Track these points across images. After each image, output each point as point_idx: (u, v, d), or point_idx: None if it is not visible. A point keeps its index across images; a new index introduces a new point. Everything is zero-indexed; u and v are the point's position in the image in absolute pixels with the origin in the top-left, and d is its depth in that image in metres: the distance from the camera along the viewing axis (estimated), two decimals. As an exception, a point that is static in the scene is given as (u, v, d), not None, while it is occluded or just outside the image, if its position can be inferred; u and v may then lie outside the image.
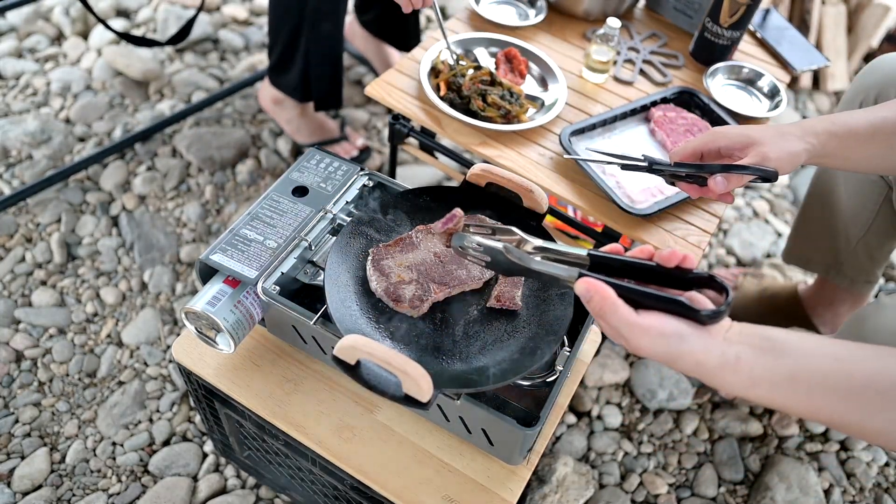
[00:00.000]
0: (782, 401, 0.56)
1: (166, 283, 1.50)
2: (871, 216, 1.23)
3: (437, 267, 0.81)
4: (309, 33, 1.51)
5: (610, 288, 0.58)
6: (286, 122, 1.76)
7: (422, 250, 0.82)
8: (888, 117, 0.83)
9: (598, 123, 1.22)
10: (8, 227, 1.56)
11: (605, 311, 0.57)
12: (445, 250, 0.82)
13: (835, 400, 0.55)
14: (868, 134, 0.82)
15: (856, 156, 0.84)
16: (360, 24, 1.91)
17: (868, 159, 0.84)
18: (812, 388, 0.55)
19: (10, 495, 1.18)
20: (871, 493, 1.33)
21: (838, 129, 0.82)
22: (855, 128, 0.82)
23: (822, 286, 1.43)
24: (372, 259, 0.81)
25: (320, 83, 1.61)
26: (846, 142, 0.82)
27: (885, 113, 0.83)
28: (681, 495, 1.30)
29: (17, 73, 1.90)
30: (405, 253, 0.82)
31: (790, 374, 0.55)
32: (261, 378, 0.90)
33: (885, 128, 0.82)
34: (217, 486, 1.22)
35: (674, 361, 0.57)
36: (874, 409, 0.54)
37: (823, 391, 0.55)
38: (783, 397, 0.56)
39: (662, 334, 0.56)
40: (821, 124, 0.84)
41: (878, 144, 0.82)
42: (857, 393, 0.54)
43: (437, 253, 0.82)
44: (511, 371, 0.72)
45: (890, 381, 0.54)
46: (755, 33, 1.51)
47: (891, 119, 0.82)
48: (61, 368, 1.35)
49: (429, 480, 0.83)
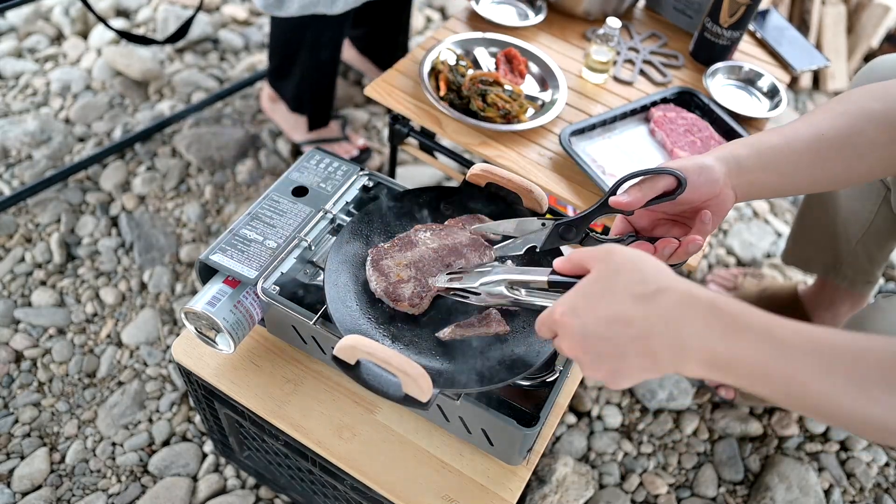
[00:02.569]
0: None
1: (166, 283, 1.49)
2: (870, 217, 1.23)
3: (436, 262, 0.81)
4: (306, 59, 1.55)
5: None
6: (283, 120, 1.76)
7: (420, 248, 0.82)
8: (799, 129, 0.75)
9: (598, 123, 1.22)
10: (8, 227, 1.56)
11: (576, 252, 0.61)
12: (443, 245, 0.82)
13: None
14: (783, 144, 0.75)
15: (783, 169, 0.75)
16: (348, 38, 1.92)
17: (795, 173, 0.75)
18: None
19: (9, 495, 1.18)
20: (871, 494, 1.33)
21: (752, 141, 0.76)
22: (768, 140, 0.76)
23: (821, 287, 1.43)
24: (371, 260, 0.81)
25: (312, 104, 1.67)
26: (765, 154, 0.74)
27: (799, 125, 0.77)
28: (681, 495, 1.30)
29: (17, 73, 1.90)
30: (403, 252, 0.82)
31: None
32: (261, 378, 0.90)
33: (799, 138, 0.75)
34: (217, 486, 1.22)
35: (643, 265, 0.56)
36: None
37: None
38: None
39: (637, 258, 0.57)
40: (736, 143, 0.77)
41: (798, 155, 0.75)
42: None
43: (435, 249, 0.82)
44: (511, 371, 0.72)
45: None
46: (755, 33, 1.51)
47: (802, 130, 0.75)
48: (61, 369, 1.35)
49: (429, 480, 0.83)
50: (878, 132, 0.73)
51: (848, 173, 0.76)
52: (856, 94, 0.77)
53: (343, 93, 1.94)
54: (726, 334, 0.53)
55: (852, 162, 0.75)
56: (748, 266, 1.69)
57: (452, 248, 0.82)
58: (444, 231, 0.84)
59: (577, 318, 0.56)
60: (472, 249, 0.82)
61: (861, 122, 0.74)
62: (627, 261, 0.56)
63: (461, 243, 0.83)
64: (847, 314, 1.40)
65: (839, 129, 0.74)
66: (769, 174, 0.74)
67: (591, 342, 0.56)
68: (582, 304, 0.57)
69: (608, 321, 0.55)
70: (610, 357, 0.56)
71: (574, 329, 0.57)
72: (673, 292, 0.54)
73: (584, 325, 0.56)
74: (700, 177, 0.71)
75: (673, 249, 0.71)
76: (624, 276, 0.56)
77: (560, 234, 0.78)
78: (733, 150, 0.74)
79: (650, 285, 0.55)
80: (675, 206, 0.74)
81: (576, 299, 0.57)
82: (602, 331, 0.55)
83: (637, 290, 0.55)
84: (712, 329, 0.53)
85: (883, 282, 1.71)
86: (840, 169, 0.75)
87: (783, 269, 1.68)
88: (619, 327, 0.55)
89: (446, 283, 0.77)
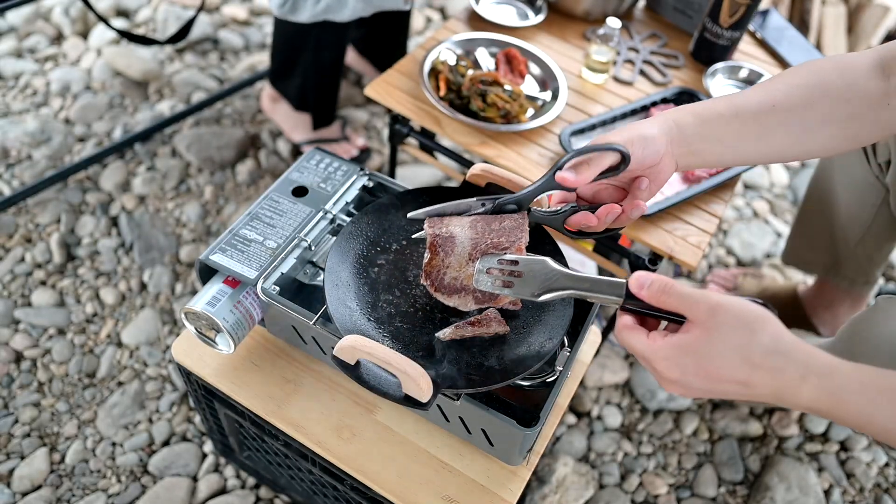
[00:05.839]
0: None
1: (166, 283, 1.49)
2: (870, 218, 1.23)
3: (481, 241, 0.77)
4: (309, 60, 1.55)
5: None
6: (283, 120, 1.76)
7: (459, 244, 0.78)
8: (751, 97, 0.72)
9: (598, 124, 1.22)
10: (7, 227, 1.56)
11: (667, 290, 0.58)
12: (478, 233, 0.78)
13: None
14: (731, 114, 0.72)
15: (727, 139, 0.72)
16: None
17: (739, 144, 0.73)
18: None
19: (9, 495, 1.18)
20: (871, 494, 1.33)
21: (699, 109, 0.73)
22: (715, 108, 0.72)
23: (821, 287, 1.43)
24: (433, 287, 0.77)
25: (316, 102, 1.66)
26: (709, 124, 0.72)
27: (752, 93, 0.73)
28: (681, 495, 1.30)
29: (17, 73, 1.90)
30: (449, 256, 0.78)
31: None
32: (261, 378, 0.90)
33: (748, 108, 0.72)
34: (217, 486, 1.22)
35: (751, 336, 0.55)
36: None
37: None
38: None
39: (746, 323, 0.55)
40: (682, 109, 0.74)
41: (745, 126, 0.72)
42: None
43: (472, 238, 0.78)
44: (511, 371, 0.72)
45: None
46: (755, 33, 1.51)
47: (754, 100, 0.72)
48: (61, 369, 1.35)
49: (429, 480, 0.83)
50: (834, 107, 0.71)
51: (797, 147, 0.74)
52: (816, 65, 0.73)
53: (343, 93, 1.94)
54: (830, 404, 0.56)
55: (801, 136, 0.72)
56: (748, 266, 1.69)
57: (488, 237, 0.77)
58: (465, 222, 0.81)
59: (681, 374, 0.57)
60: (506, 235, 0.77)
61: (816, 95, 0.71)
62: (734, 319, 0.56)
63: (495, 229, 0.78)
64: (847, 314, 1.40)
65: (792, 100, 0.71)
66: (712, 144, 0.72)
67: (693, 391, 0.58)
68: (688, 363, 0.57)
69: (715, 380, 0.56)
70: (708, 395, 0.58)
71: (677, 381, 0.58)
72: (785, 361, 0.55)
73: (689, 381, 0.57)
74: (644, 150, 0.69)
75: (615, 216, 0.71)
76: (733, 337, 0.55)
77: (504, 212, 0.77)
78: (677, 118, 0.72)
79: (758, 353, 0.55)
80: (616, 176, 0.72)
81: (680, 357, 0.57)
82: (708, 387, 0.57)
83: (746, 355, 0.55)
84: (819, 401, 0.56)
85: (883, 282, 1.71)
86: (789, 142, 0.73)
87: (783, 270, 1.68)
88: (725, 385, 0.57)
89: (493, 288, 0.71)
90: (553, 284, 0.67)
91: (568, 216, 0.73)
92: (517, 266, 0.69)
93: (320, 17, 1.38)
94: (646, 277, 0.60)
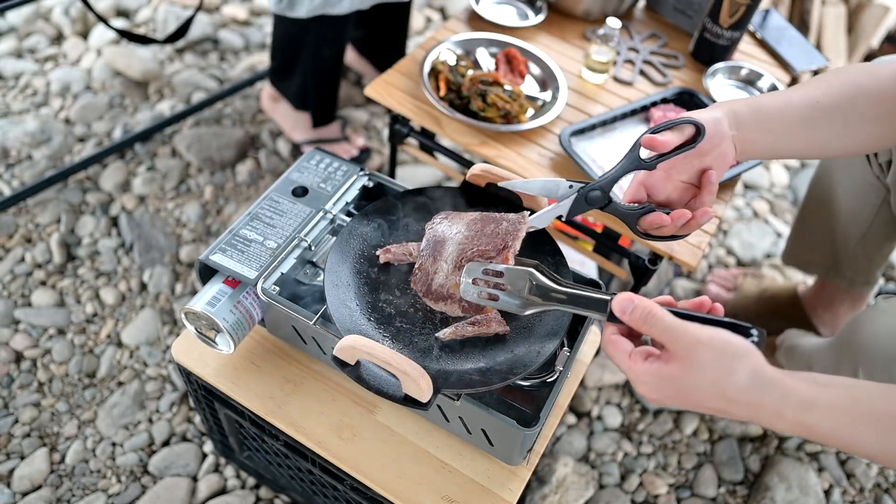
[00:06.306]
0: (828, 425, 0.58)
1: (166, 283, 1.49)
2: (870, 218, 1.23)
3: (472, 244, 0.78)
4: (309, 57, 1.55)
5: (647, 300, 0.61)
6: (283, 120, 1.76)
7: (449, 247, 0.79)
8: (794, 95, 0.78)
9: (598, 124, 1.22)
10: (8, 227, 1.56)
11: (649, 320, 0.59)
12: (467, 237, 0.79)
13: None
14: (780, 106, 0.77)
15: (778, 129, 0.78)
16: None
17: (789, 135, 0.78)
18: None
19: (9, 496, 1.18)
20: (871, 494, 1.33)
21: (750, 101, 0.78)
22: (765, 101, 0.78)
23: (821, 287, 1.43)
24: (424, 292, 0.79)
25: (316, 101, 1.66)
26: (761, 113, 0.77)
27: (794, 92, 0.79)
28: (681, 495, 1.30)
29: (17, 73, 1.90)
30: (438, 261, 0.79)
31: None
32: (261, 378, 0.90)
33: (794, 103, 0.77)
34: (217, 486, 1.22)
35: (727, 375, 0.57)
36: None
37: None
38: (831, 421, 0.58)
39: (724, 362, 0.57)
40: (735, 101, 0.80)
41: (793, 119, 0.77)
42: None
43: (460, 242, 0.79)
44: (511, 371, 0.72)
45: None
46: (755, 33, 1.51)
47: (797, 96, 0.77)
48: (61, 369, 1.35)
49: (429, 480, 0.83)
50: (868, 107, 0.76)
51: (838, 142, 0.78)
52: (850, 68, 0.79)
53: (343, 93, 1.94)
54: (808, 435, 0.59)
55: (842, 131, 0.77)
56: (748, 266, 1.69)
57: (476, 242, 0.78)
58: (457, 221, 0.82)
59: (660, 396, 0.60)
60: (491, 241, 0.78)
61: (853, 93, 0.76)
62: (712, 356, 0.57)
63: (481, 232, 0.79)
64: (846, 314, 1.40)
65: (833, 98, 0.77)
66: (765, 133, 0.77)
67: (671, 405, 0.63)
68: (667, 389, 0.60)
69: (694, 405, 0.59)
70: (686, 407, 0.61)
71: (656, 400, 0.61)
72: (761, 397, 0.57)
73: (667, 402, 0.61)
74: (715, 127, 0.74)
75: (685, 220, 0.74)
76: (710, 374, 0.57)
77: (586, 200, 0.78)
78: (732, 107, 0.77)
79: (732, 389, 0.57)
80: (689, 159, 0.75)
81: (659, 383, 0.60)
82: (687, 408, 0.61)
83: (721, 391, 0.57)
84: (796, 432, 0.59)
85: (883, 282, 1.71)
86: (831, 136, 0.78)
87: (783, 270, 1.68)
88: (704, 409, 0.60)
89: (478, 300, 0.72)
90: (536, 299, 0.69)
91: (643, 214, 0.76)
92: (501, 279, 0.71)
93: (318, 11, 1.38)
94: (628, 303, 0.61)
